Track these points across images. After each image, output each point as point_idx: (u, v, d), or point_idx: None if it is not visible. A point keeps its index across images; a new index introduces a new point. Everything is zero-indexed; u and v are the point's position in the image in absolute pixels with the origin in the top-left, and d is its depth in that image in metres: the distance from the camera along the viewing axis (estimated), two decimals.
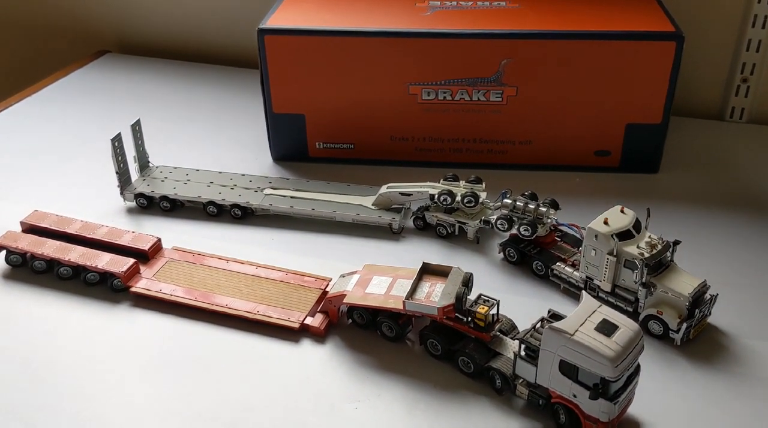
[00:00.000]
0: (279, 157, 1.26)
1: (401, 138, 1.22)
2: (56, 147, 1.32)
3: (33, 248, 1.00)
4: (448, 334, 0.85)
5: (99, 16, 1.72)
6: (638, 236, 0.90)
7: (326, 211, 1.09)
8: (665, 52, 1.11)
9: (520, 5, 1.22)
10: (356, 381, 0.84)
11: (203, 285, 0.96)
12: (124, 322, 0.93)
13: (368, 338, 0.89)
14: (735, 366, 0.85)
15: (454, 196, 1.04)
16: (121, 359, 0.88)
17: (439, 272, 0.88)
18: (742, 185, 1.20)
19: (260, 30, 1.15)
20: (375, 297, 0.86)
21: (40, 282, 0.99)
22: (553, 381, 0.75)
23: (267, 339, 0.90)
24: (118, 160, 1.11)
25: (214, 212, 1.12)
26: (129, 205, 1.15)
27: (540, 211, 0.99)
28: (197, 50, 1.67)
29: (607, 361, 0.70)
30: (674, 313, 0.87)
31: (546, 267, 0.98)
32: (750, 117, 1.40)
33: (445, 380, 0.84)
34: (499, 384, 0.81)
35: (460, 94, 1.17)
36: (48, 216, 1.06)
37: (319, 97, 1.20)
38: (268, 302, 0.93)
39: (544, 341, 0.74)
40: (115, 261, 0.97)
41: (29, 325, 0.92)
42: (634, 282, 0.88)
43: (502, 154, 1.22)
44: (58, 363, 0.87)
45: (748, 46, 1.34)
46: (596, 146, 1.20)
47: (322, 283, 0.95)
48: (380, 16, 1.20)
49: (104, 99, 1.50)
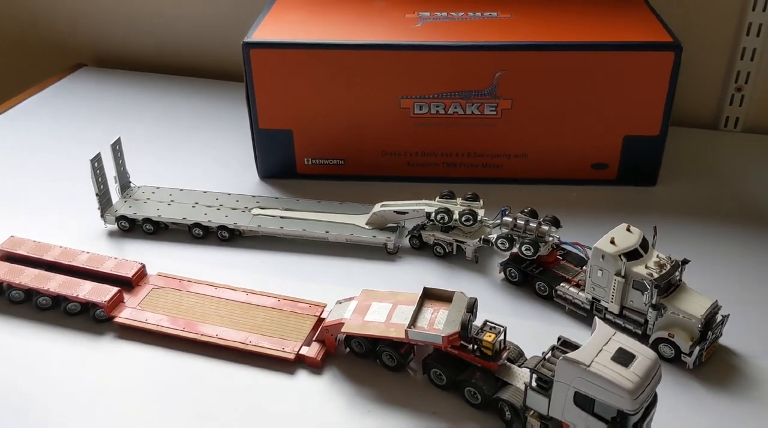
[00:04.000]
0: (266, 174, 1.22)
1: (393, 153, 1.19)
2: (31, 166, 1.27)
3: (9, 277, 0.94)
4: (453, 363, 0.81)
5: (74, 28, 1.67)
6: (646, 255, 0.86)
7: (318, 232, 1.05)
8: (664, 63, 1.08)
9: (513, 15, 1.19)
10: (357, 415, 0.79)
11: (191, 313, 0.91)
12: (109, 354, 0.88)
13: (368, 368, 0.85)
14: (751, 390, 0.82)
15: (451, 214, 1.01)
16: (107, 393, 0.83)
17: (441, 297, 0.84)
18: (740, 196, 1.17)
19: (245, 44, 1.11)
20: (375, 325, 0.82)
21: (18, 312, 0.94)
22: (567, 413, 0.71)
23: (260, 371, 0.85)
24: (98, 181, 1.06)
25: (200, 234, 1.07)
26: (110, 228, 1.10)
27: (542, 230, 0.95)
28: (176, 63, 1.63)
29: (627, 393, 0.67)
30: (686, 336, 0.83)
31: (549, 287, 0.94)
32: (745, 126, 1.39)
33: (451, 412, 0.80)
34: (508, 416, 0.77)
35: (453, 108, 1.13)
36: (25, 243, 1.01)
37: (307, 112, 1.16)
38: (261, 331, 0.88)
39: (558, 372, 0.70)
40: (98, 290, 0.92)
41: (7, 359, 0.87)
42: (644, 303, 0.85)
43: (497, 169, 1.18)
44: (40, 397, 0.82)
45: (742, 54, 1.32)
46: (593, 159, 1.18)
47: (317, 310, 0.91)
48: (369, 28, 1.16)
49: (81, 115, 1.44)
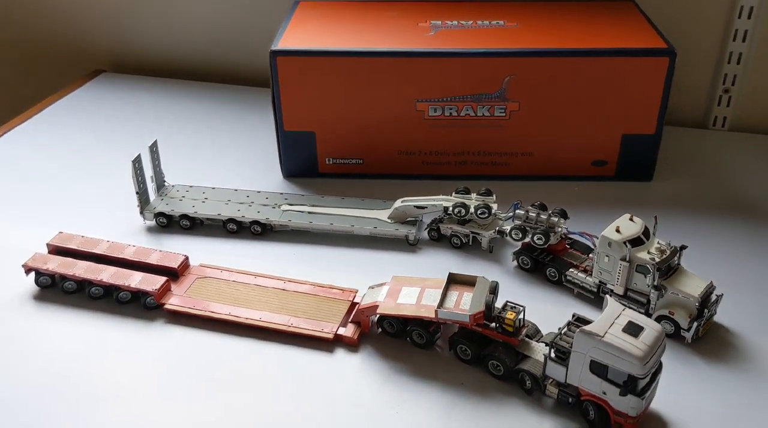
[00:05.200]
0: (290, 173, 1.30)
1: (409, 152, 1.27)
2: (67, 168, 1.34)
3: (63, 269, 1.02)
4: (477, 340, 0.90)
5: (92, 35, 1.74)
6: (648, 242, 0.96)
7: (344, 226, 1.13)
8: (659, 67, 1.18)
9: (518, 24, 1.28)
10: (393, 388, 0.88)
11: (234, 300, 1.00)
12: (160, 338, 0.96)
13: (399, 346, 0.94)
14: (743, 362, 0.92)
15: (467, 208, 1.10)
16: (160, 373, 0.91)
17: (465, 281, 0.93)
18: (728, 190, 1.27)
19: (272, 52, 1.19)
20: (407, 306, 0.91)
21: (72, 302, 1.02)
22: (583, 380, 0.81)
23: (302, 350, 0.94)
24: (138, 181, 1.14)
25: (234, 229, 1.15)
26: (148, 225, 1.18)
27: (551, 221, 1.05)
28: (191, 68, 1.70)
29: (637, 360, 0.76)
30: (685, 313, 0.93)
31: (559, 273, 1.03)
32: (732, 125, 1.48)
33: (477, 383, 0.89)
34: (529, 385, 0.86)
35: (465, 110, 1.22)
36: (74, 238, 1.09)
37: (328, 115, 1.25)
38: (300, 314, 0.97)
39: (575, 343, 0.79)
40: (147, 279, 1.00)
41: (67, 344, 0.95)
42: (647, 285, 0.94)
43: (506, 166, 1.28)
44: (98, 379, 0.90)
45: (729, 58, 1.42)
46: (594, 156, 1.27)
47: (350, 295, 1.00)
48: (386, 36, 1.25)
49: (106, 119, 1.52)
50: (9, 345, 0.95)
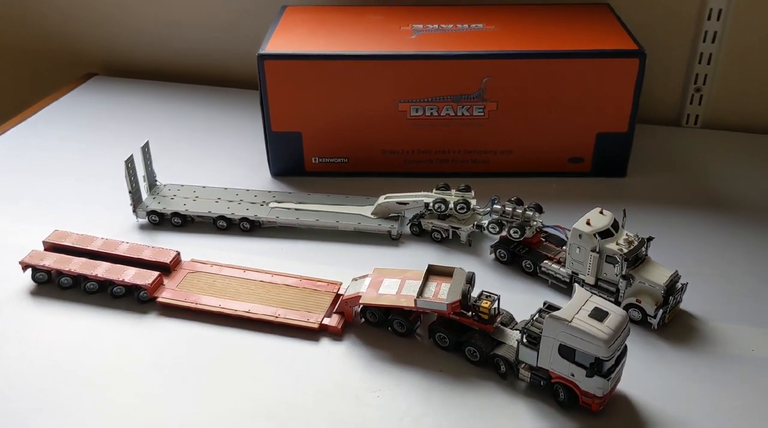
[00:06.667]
0: (277, 172, 1.35)
1: (391, 151, 1.32)
2: (62, 169, 1.38)
3: (59, 265, 1.06)
4: (455, 328, 0.95)
5: (84, 39, 1.78)
6: (617, 234, 1.01)
7: (330, 221, 1.18)
8: (630, 68, 1.23)
9: (497, 27, 1.33)
10: (375, 373, 0.93)
11: (224, 293, 1.04)
12: (153, 330, 1.00)
13: (381, 335, 0.99)
14: (706, 346, 0.97)
15: (447, 204, 1.15)
16: (153, 364, 0.95)
17: (443, 272, 0.98)
18: (699, 185, 1.32)
19: (260, 55, 1.24)
20: (388, 297, 0.96)
21: (68, 297, 1.06)
22: (553, 363, 0.86)
23: (289, 340, 0.98)
24: (131, 180, 1.19)
25: (224, 226, 1.20)
26: (141, 222, 1.22)
27: (527, 215, 1.10)
28: (182, 71, 1.75)
29: (602, 343, 0.81)
30: (651, 301, 0.98)
31: (535, 265, 1.08)
32: (703, 122, 1.54)
33: (454, 368, 0.93)
34: (503, 370, 0.91)
35: (445, 110, 1.27)
36: (69, 235, 1.13)
37: (314, 116, 1.30)
38: (287, 306, 1.01)
39: (545, 328, 0.84)
40: (141, 274, 1.05)
41: (64, 337, 0.99)
42: (615, 275, 1.00)
43: (485, 164, 1.33)
44: (94, 370, 0.94)
45: (700, 59, 1.48)
46: (570, 154, 1.32)
47: (334, 287, 1.05)
48: (370, 40, 1.30)
49: (99, 121, 1.56)
50: (7, 339, 0.99)
